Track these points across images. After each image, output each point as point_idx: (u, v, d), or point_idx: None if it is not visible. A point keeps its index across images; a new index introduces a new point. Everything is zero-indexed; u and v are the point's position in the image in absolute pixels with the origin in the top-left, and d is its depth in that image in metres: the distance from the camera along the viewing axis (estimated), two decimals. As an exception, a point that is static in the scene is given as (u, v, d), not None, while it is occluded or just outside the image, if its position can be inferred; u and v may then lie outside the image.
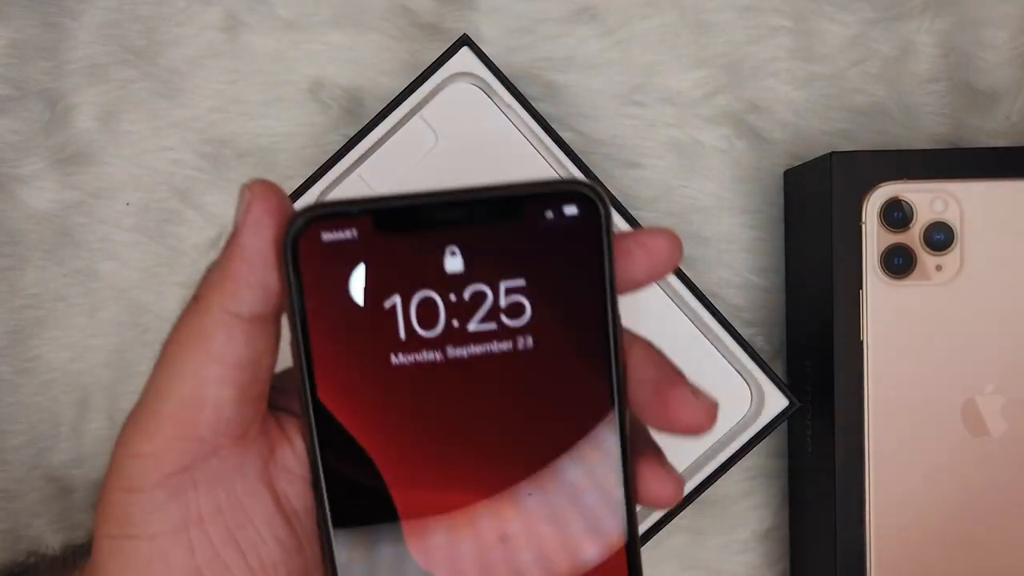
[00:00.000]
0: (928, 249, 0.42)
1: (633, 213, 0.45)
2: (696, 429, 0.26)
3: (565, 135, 0.48)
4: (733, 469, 0.45)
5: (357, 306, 0.24)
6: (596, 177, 0.44)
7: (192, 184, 0.49)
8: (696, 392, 0.26)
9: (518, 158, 0.44)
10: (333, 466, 0.25)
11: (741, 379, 0.45)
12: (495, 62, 0.44)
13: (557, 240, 0.25)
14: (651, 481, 0.26)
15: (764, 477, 0.49)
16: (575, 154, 0.44)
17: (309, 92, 0.49)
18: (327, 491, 0.25)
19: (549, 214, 0.24)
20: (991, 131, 0.49)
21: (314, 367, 0.24)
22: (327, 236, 0.24)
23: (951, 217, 0.41)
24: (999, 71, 0.49)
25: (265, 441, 0.25)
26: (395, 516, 0.25)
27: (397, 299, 0.24)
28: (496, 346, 0.25)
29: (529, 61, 0.49)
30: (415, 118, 0.44)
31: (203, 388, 0.24)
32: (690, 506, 0.45)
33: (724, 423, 0.45)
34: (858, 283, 0.42)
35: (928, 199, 0.41)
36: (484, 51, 0.44)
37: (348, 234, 0.24)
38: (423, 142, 0.44)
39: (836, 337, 0.42)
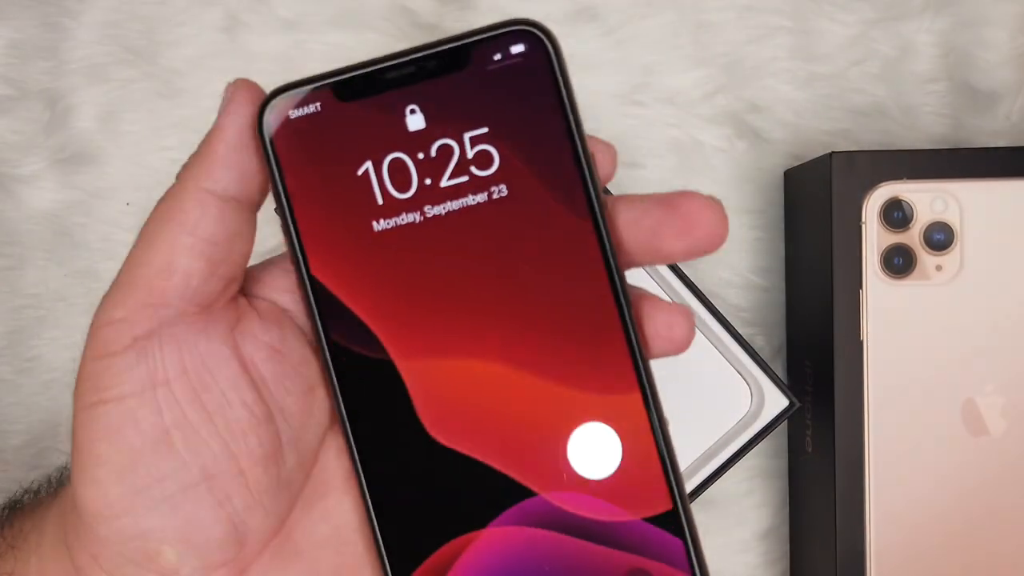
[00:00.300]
0: (928, 249, 0.42)
1: (633, 213, 0.44)
2: (716, 235, 0.25)
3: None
4: (733, 469, 0.45)
5: (333, 177, 0.25)
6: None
7: (192, 184, 0.49)
8: (706, 196, 0.25)
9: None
10: (337, 344, 0.25)
11: (741, 379, 0.45)
12: (495, 62, 0.44)
13: (512, 82, 0.25)
14: (656, 315, 0.26)
15: (764, 477, 0.49)
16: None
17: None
18: (335, 372, 0.25)
19: (498, 56, 0.25)
20: (991, 131, 0.49)
21: (304, 244, 0.25)
22: (294, 113, 0.25)
23: (951, 217, 0.41)
24: (999, 71, 0.49)
25: (233, 310, 0.26)
26: (405, 393, 0.25)
27: (369, 165, 0.25)
28: (471, 199, 0.25)
29: (529, 61, 0.49)
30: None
31: (174, 257, 0.25)
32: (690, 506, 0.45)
33: (724, 423, 0.45)
34: (858, 283, 0.42)
35: (928, 199, 0.41)
36: (484, 51, 0.44)
37: (313, 108, 0.25)
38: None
39: (836, 337, 0.42)
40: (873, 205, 0.42)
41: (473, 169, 0.25)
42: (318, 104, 0.25)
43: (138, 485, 0.25)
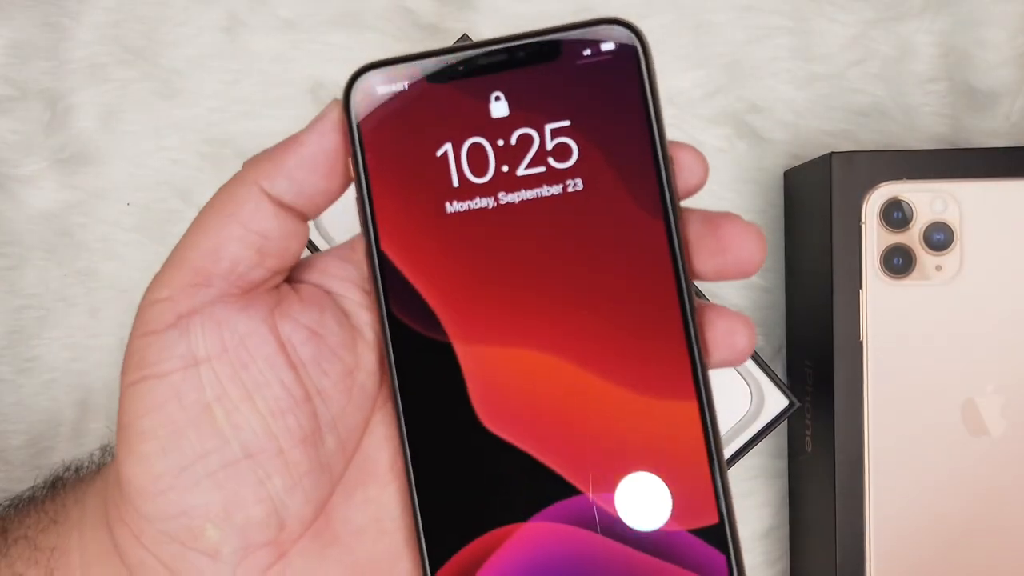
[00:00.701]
0: (928, 249, 0.41)
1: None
2: (748, 261, 0.25)
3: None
4: (733, 469, 0.45)
5: (412, 155, 0.25)
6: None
7: (192, 184, 0.49)
8: (746, 222, 0.25)
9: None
10: (398, 319, 0.26)
11: (741, 379, 0.45)
12: (495, 62, 0.44)
13: (597, 79, 0.25)
14: (718, 322, 0.26)
15: (764, 477, 0.49)
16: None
17: (309, 92, 0.49)
18: (392, 347, 0.26)
19: (587, 52, 0.25)
20: (991, 131, 0.49)
21: (376, 218, 0.25)
22: (381, 89, 0.25)
23: (951, 217, 0.41)
24: (999, 71, 0.49)
25: (274, 294, 0.26)
26: (460, 376, 0.25)
27: (448, 147, 0.25)
28: (546, 190, 0.25)
29: (529, 61, 0.49)
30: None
31: (223, 244, 0.25)
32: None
33: (724, 423, 0.45)
34: (858, 283, 0.42)
35: (928, 199, 0.41)
36: (484, 51, 0.43)
37: (400, 86, 0.25)
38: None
39: (836, 337, 0.42)
40: (873, 205, 0.41)
41: (551, 160, 0.25)
42: (406, 83, 0.25)
43: (182, 461, 0.25)
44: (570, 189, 0.25)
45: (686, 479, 0.25)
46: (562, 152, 0.25)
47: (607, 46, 0.25)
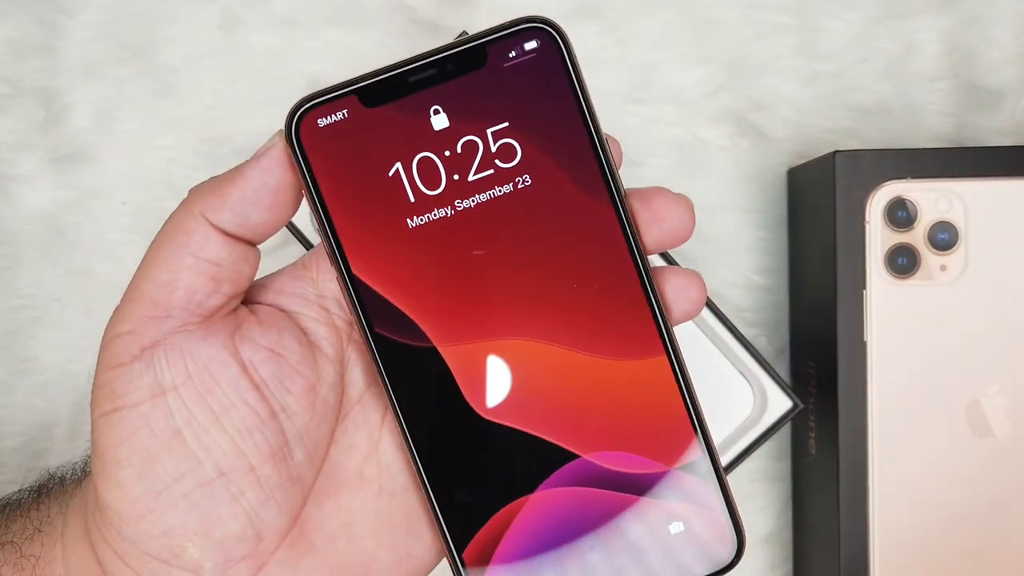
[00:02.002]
0: (932, 249, 0.41)
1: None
2: (683, 228, 0.28)
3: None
4: (736, 472, 0.44)
5: (365, 180, 0.26)
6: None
7: (189, 183, 0.48)
8: (675, 193, 0.28)
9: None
10: (382, 336, 0.27)
11: (744, 380, 0.45)
12: (495, 60, 0.43)
13: (527, 78, 0.27)
14: (672, 279, 0.28)
15: (767, 480, 0.49)
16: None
17: (307, 90, 0.48)
18: (382, 363, 0.27)
19: (512, 53, 0.27)
20: (996, 129, 0.49)
21: (342, 246, 0.27)
22: (322, 121, 0.26)
23: (955, 216, 0.41)
24: (1004, 69, 0.49)
25: (233, 318, 0.27)
26: (450, 375, 0.27)
27: (399, 166, 0.26)
28: (498, 190, 0.27)
29: (529, 59, 0.48)
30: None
31: (177, 274, 0.26)
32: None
33: (727, 425, 0.45)
34: (862, 283, 0.41)
35: (932, 198, 0.41)
36: (484, 49, 0.43)
37: (340, 115, 0.26)
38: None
39: (839, 338, 0.41)
40: (877, 204, 0.41)
41: (497, 162, 0.27)
42: (345, 111, 0.26)
43: (158, 485, 0.26)
44: (520, 186, 0.27)
45: (668, 424, 0.28)
46: (506, 152, 0.27)
47: (530, 45, 0.26)
